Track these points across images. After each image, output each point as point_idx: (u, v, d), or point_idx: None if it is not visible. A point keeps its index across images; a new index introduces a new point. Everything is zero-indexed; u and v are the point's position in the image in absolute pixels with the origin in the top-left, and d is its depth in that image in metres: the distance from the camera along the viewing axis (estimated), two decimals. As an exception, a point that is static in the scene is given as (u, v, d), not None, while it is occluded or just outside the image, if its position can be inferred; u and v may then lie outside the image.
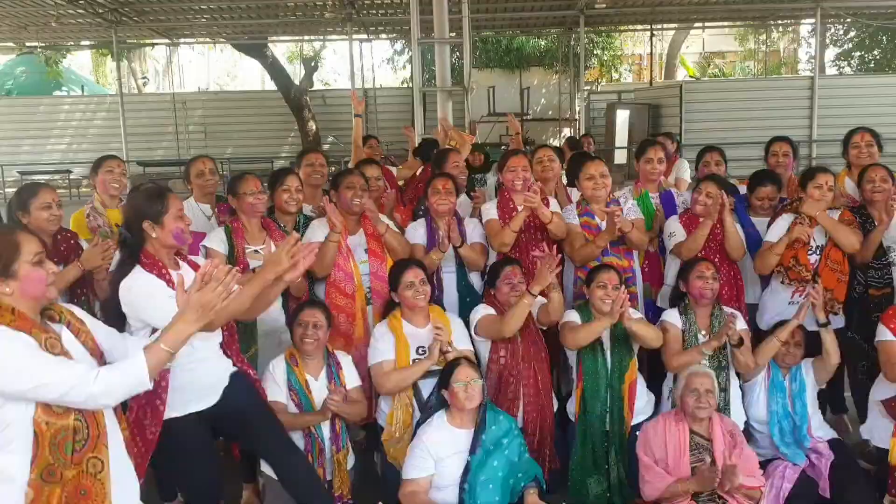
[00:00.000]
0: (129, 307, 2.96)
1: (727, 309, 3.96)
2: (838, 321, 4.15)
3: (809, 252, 4.11)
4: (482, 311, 3.91)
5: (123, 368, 2.26)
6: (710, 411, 3.45)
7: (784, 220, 4.17)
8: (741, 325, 3.87)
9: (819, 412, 3.96)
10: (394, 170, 5.84)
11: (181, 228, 3.05)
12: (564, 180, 5.36)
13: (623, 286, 3.76)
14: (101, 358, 2.45)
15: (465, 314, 4.04)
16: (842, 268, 4.13)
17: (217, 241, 3.93)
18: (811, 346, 3.94)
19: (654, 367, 4.18)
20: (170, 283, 2.96)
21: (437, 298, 4.16)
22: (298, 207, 4.24)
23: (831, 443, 3.82)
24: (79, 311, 2.51)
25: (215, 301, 2.28)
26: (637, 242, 4.23)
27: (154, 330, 2.84)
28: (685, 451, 3.41)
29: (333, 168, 5.63)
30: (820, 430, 3.86)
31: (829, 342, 3.83)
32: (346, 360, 3.80)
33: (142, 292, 2.93)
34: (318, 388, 3.64)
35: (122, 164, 4.56)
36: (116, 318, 2.96)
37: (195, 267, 3.15)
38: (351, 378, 3.76)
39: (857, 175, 4.45)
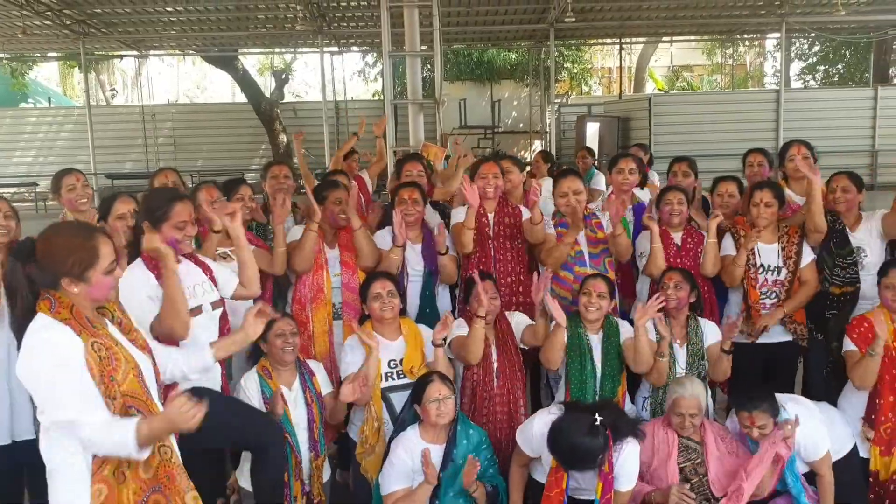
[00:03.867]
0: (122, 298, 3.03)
1: (703, 320, 4.00)
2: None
3: (761, 272, 4.21)
4: (457, 329, 3.82)
5: (113, 429, 2.23)
6: (693, 430, 3.51)
7: (727, 239, 4.34)
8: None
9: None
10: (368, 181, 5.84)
11: (177, 239, 3.08)
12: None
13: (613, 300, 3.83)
14: (150, 354, 2.50)
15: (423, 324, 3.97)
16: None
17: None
18: None
19: (629, 379, 4.18)
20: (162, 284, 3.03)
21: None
22: (251, 217, 4.38)
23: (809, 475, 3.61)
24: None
25: (183, 422, 2.27)
26: (622, 251, 4.22)
27: None
28: (671, 455, 3.47)
29: (301, 181, 5.65)
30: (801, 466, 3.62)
31: None
32: (318, 368, 3.81)
33: (127, 285, 2.95)
34: (293, 399, 3.62)
35: (80, 176, 4.25)
36: None
37: (197, 262, 3.27)
38: (325, 385, 3.76)
39: (795, 187, 4.59)
